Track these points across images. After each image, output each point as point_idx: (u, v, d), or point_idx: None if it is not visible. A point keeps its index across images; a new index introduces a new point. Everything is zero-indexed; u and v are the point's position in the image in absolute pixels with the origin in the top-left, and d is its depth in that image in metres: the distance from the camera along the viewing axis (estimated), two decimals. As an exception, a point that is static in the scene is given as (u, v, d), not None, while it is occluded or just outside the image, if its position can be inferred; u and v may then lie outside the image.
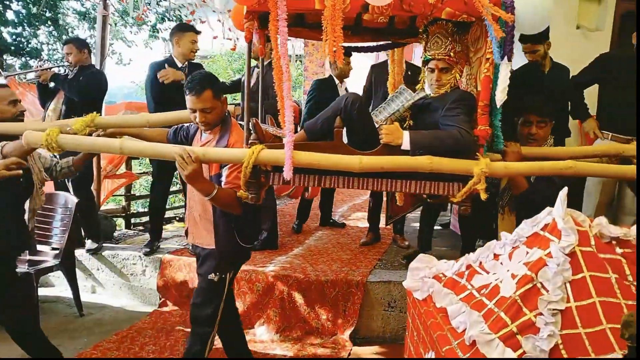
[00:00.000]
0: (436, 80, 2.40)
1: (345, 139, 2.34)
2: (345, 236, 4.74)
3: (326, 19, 1.99)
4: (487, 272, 1.68)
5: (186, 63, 4.03)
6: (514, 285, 1.50)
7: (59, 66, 4.31)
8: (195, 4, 5.12)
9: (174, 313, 3.78)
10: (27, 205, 2.68)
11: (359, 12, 2.18)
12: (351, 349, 3.33)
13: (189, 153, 2.10)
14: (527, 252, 1.58)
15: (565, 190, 1.60)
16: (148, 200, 4.98)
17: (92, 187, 4.46)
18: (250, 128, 2.26)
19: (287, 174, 2.08)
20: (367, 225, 4.59)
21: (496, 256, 1.71)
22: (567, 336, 1.38)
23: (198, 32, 4.09)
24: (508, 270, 1.58)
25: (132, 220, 5.43)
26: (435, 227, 5.00)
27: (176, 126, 2.65)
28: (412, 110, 2.53)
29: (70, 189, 4.12)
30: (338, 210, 5.79)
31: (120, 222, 5.48)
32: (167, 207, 5.73)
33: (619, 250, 1.55)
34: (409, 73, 4.16)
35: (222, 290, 2.48)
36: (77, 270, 4.01)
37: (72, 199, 3.80)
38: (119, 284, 4.21)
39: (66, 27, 9.89)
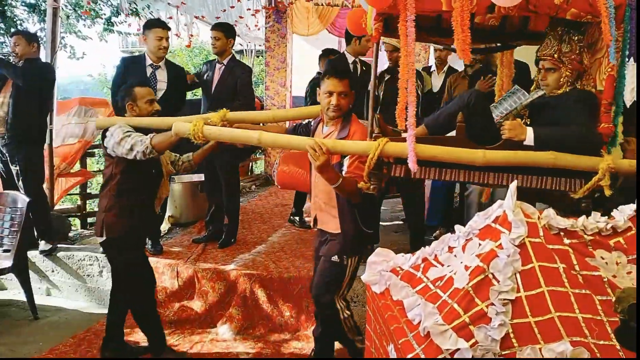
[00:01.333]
0: (541, 79, 2.46)
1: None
2: (308, 232, 4.73)
3: (455, 20, 2.08)
4: (442, 265, 1.71)
5: (161, 62, 3.88)
6: (466, 276, 1.53)
7: (3, 55, 4.12)
8: (151, -4, 4.99)
9: (133, 314, 3.69)
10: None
11: (484, 12, 2.25)
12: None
13: (320, 145, 2.21)
14: (480, 244, 1.61)
15: (515, 183, 1.64)
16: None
17: (44, 186, 4.30)
18: (375, 122, 2.37)
19: (412, 165, 2.15)
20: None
21: (450, 249, 1.74)
22: (517, 325, 1.42)
23: (167, 29, 3.92)
24: (461, 262, 1.61)
25: (89, 220, 5.27)
26: (397, 222, 5.09)
27: (295, 123, 2.83)
28: (529, 109, 2.57)
29: (21, 188, 3.96)
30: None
31: (76, 221, 5.31)
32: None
33: (566, 241, 1.60)
34: (364, 68, 4.20)
35: (343, 273, 2.60)
36: (30, 272, 3.87)
37: (22, 198, 3.65)
38: (75, 285, 4.08)
39: (14, 20, 9.44)
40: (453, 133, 2.42)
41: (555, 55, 2.37)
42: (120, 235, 2.77)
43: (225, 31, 4.07)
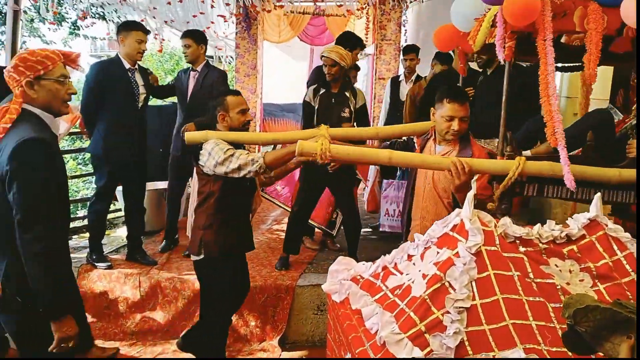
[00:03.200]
0: None
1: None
2: (277, 241, 4.70)
3: (589, 40, 2.16)
4: (401, 273, 1.71)
5: (136, 65, 3.76)
6: (424, 285, 1.53)
7: None
8: (119, 2, 4.89)
9: (93, 326, 3.58)
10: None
11: (614, 33, 2.28)
12: (280, 355, 3.29)
13: (464, 165, 2.17)
14: (438, 252, 1.62)
15: (472, 191, 1.65)
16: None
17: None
18: (506, 141, 2.38)
19: (570, 183, 2.14)
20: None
21: (410, 257, 1.75)
22: (472, 333, 1.43)
23: (147, 32, 3.81)
24: (420, 271, 1.62)
25: None
26: (365, 230, 5.08)
27: (391, 140, 2.80)
28: (635, 128, 2.61)
29: None
30: (271, 214, 5.74)
31: None
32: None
33: (521, 249, 1.63)
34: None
35: None
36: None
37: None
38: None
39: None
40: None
41: None
42: (221, 254, 2.67)
43: (195, 38, 3.99)
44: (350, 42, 4.09)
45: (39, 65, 1.82)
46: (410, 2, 6.63)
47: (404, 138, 2.79)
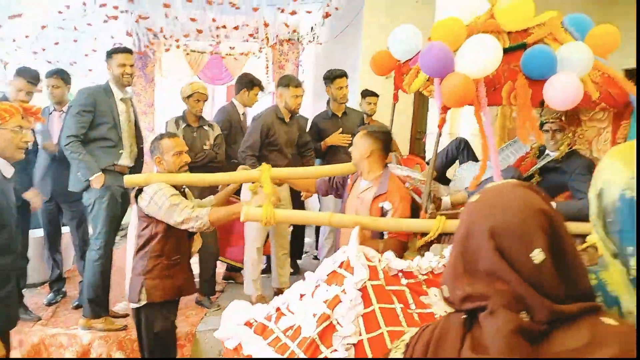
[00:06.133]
0: (551, 138, 2.79)
1: None
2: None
3: (519, 113, 2.39)
4: (293, 313, 1.73)
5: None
6: (314, 324, 1.56)
7: None
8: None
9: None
10: None
11: (537, 106, 2.52)
12: (179, 407, 3.13)
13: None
14: (327, 290, 1.66)
15: (357, 229, 1.73)
16: None
17: None
18: (429, 199, 2.55)
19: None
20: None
21: (301, 296, 1.77)
22: (359, 368, 1.47)
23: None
24: (310, 310, 1.64)
25: None
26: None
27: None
28: (540, 170, 2.86)
29: None
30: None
31: None
32: None
33: (403, 281, 1.73)
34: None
35: None
36: None
37: None
38: None
39: None
40: None
41: (563, 118, 2.78)
42: (163, 300, 2.58)
43: (64, 78, 3.88)
44: (250, 82, 4.21)
45: None
46: (307, 43, 6.90)
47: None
